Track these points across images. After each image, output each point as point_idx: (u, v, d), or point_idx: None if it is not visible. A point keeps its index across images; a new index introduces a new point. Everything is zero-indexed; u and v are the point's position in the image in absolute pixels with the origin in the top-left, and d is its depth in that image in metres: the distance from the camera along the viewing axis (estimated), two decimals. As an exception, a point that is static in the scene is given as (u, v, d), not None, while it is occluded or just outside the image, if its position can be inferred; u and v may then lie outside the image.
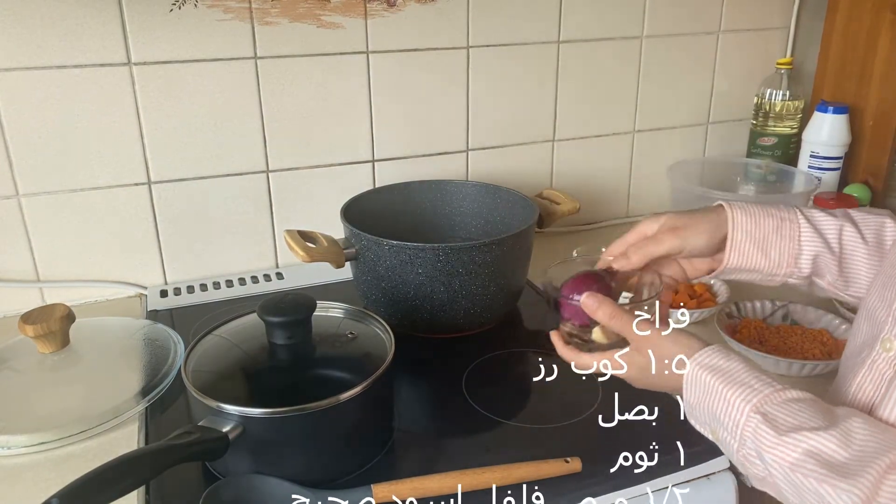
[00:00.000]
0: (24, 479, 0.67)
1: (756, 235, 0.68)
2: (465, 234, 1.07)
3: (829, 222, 0.68)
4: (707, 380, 0.57)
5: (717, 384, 0.56)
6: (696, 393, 0.58)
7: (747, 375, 0.56)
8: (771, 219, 0.68)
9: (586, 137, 1.26)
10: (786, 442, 0.51)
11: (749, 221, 0.68)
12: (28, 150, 0.93)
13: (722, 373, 0.57)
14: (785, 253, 0.68)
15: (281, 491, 0.61)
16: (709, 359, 0.58)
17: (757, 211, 0.69)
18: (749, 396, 0.54)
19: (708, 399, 0.57)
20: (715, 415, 0.57)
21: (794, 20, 1.33)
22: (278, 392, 0.68)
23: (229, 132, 1.02)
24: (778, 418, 0.53)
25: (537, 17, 1.15)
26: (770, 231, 0.68)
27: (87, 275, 1.01)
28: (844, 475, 0.48)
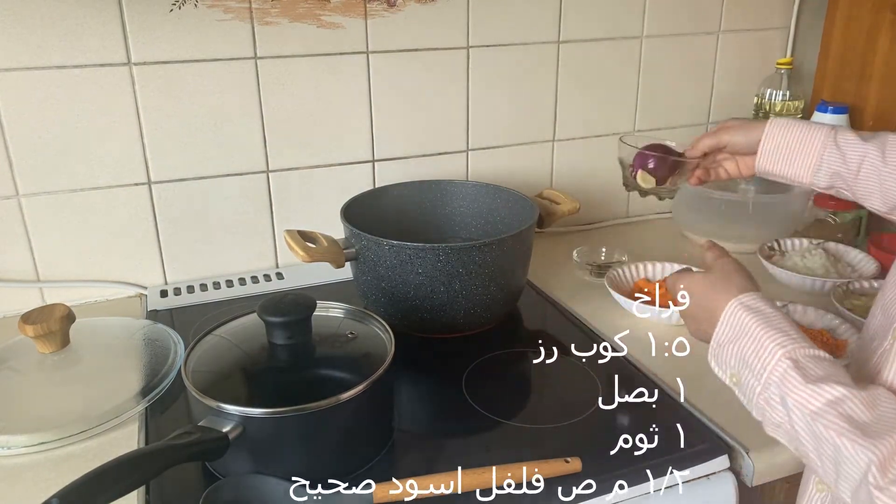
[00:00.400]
0: (24, 479, 0.67)
1: (783, 147, 0.78)
2: (465, 234, 1.07)
3: (856, 146, 0.74)
4: (744, 319, 0.58)
5: (754, 325, 0.57)
6: (729, 331, 0.59)
7: (785, 324, 0.57)
8: (800, 135, 0.77)
9: (586, 137, 1.26)
10: (812, 390, 0.52)
11: (780, 132, 0.78)
12: (28, 150, 0.93)
13: (762, 315, 0.58)
14: (806, 166, 0.77)
15: (281, 491, 0.61)
16: (752, 301, 0.59)
17: (793, 125, 0.78)
18: (784, 342, 0.55)
19: (740, 338, 0.58)
20: (743, 356, 0.57)
21: (794, 20, 1.33)
22: (278, 392, 0.68)
23: (229, 132, 1.02)
24: (808, 367, 0.53)
25: (537, 17, 1.15)
26: (795, 142, 0.77)
27: (87, 275, 1.01)
28: (865, 434, 0.48)
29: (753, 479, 0.69)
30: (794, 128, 0.78)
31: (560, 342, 0.92)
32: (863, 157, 0.74)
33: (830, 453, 0.50)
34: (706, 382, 0.80)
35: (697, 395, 0.77)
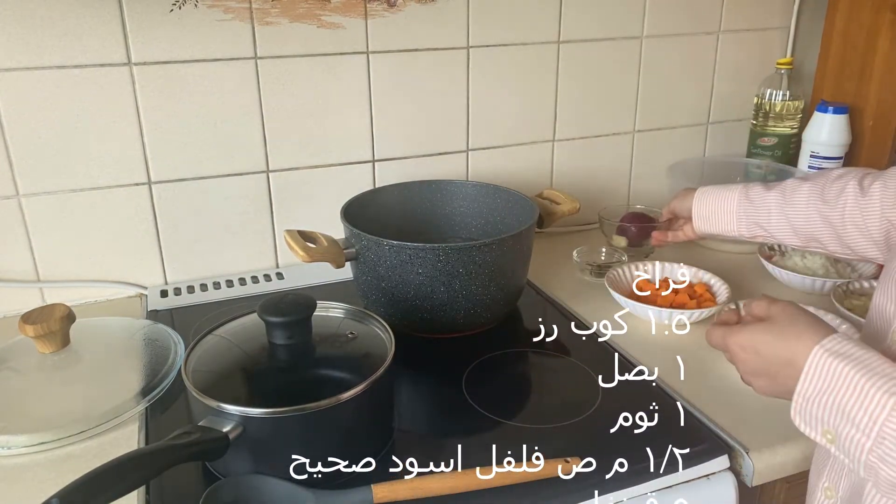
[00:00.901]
0: (24, 479, 0.67)
1: (706, 210, 0.93)
2: (466, 234, 1.07)
3: (763, 196, 0.87)
4: (837, 367, 0.51)
5: (850, 372, 0.50)
6: (818, 383, 0.52)
7: (886, 365, 0.50)
8: (718, 198, 0.92)
9: (586, 137, 1.26)
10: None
11: (703, 200, 0.93)
12: (28, 150, 0.93)
13: (855, 360, 0.51)
14: (729, 222, 0.91)
15: (281, 491, 0.61)
16: (838, 345, 0.52)
17: (712, 193, 0.93)
18: (892, 388, 0.48)
19: (835, 390, 0.51)
20: (842, 409, 0.50)
21: (794, 20, 1.33)
22: (278, 392, 0.68)
23: (229, 132, 1.02)
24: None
25: (537, 17, 1.15)
26: (716, 206, 0.92)
27: (87, 275, 1.01)
28: None
29: (753, 479, 0.69)
30: (713, 195, 0.92)
31: (560, 342, 0.92)
32: (770, 203, 0.86)
33: None
34: (706, 382, 0.80)
35: (697, 395, 0.77)
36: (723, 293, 0.97)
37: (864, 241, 0.78)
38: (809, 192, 0.83)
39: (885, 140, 1.24)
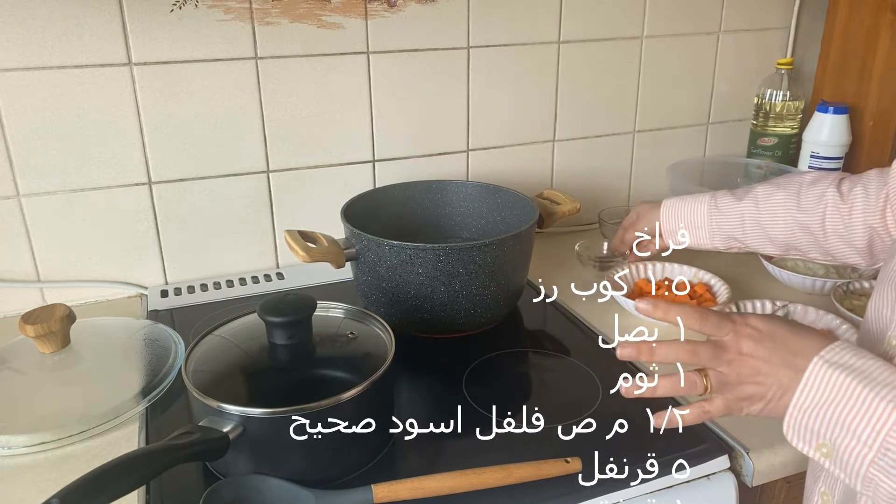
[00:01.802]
0: (24, 479, 0.67)
1: (675, 225, 0.91)
2: (466, 234, 1.07)
3: (733, 206, 0.86)
4: (837, 379, 0.49)
5: (851, 384, 0.48)
6: (816, 395, 0.50)
7: (885, 373, 0.48)
8: (686, 210, 0.90)
9: (586, 137, 1.26)
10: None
11: (670, 214, 0.91)
12: (28, 150, 0.93)
13: (856, 371, 0.49)
14: (702, 235, 0.89)
15: (281, 491, 0.61)
16: (837, 355, 0.50)
17: (678, 204, 0.91)
18: (894, 397, 0.47)
19: (834, 402, 0.49)
20: (842, 421, 0.49)
21: (795, 20, 1.33)
22: (279, 392, 0.68)
23: (230, 132, 1.02)
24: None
25: (537, 17, 1.15)
26: (685, 220, 0.89)
27: (87, 275, 1.01)
28: None
29: (753, 480, 0.69)
30: (679, 208, 0.89)
31: (560, 342, 0.92)
32: (743, 213, 0.84)
33: None
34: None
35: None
36: (723, 293, 0.97)
37: (846, 248, 0.77)
38: (785, 199, 0.81)
39: (886, 140, 1.24)
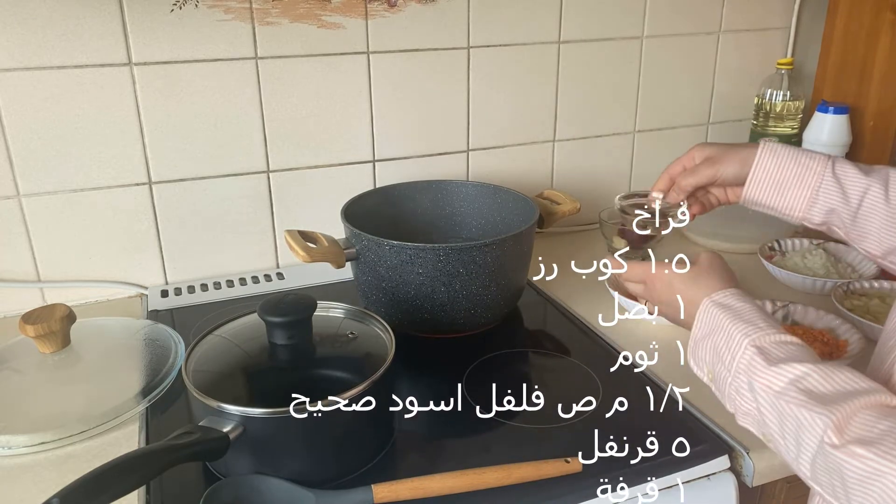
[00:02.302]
0: (24, 479, 0.67)
1: (776, 177, 0.72)
2: (466, 234, 1.07)
3: (857, 180, 0.70)
4: (716, 314, 0.61)
5: (725, 319, 0.60)
6: (703, 327, 0.62)
7: (754, 316, 0.59)
8: (796, 165, 0.72)
9: (587, 137, 1.26)
10: (775, 371, 0.54)
11: (773, 162, 0.72)
12: (29, 150, 0.93)
13: (732, 310, 0.60)
14: (800, 199, 0.72)
15: (281, 491, 0.61)
16: (724, 298, 0.62)
17: (786, 154, 0.72)
18: (750, 332, 0.57)
19: (713, 333, 0.60)
20: (716, 349, 0.60)
21: (795, 20, 1.33)
22: (279, 392, 0.67)
23: (230, 132, 1.02)
24: (772, 352, 0.56)
25: (537, 17, 1.15)
26: (791, 176, 0.72)
27: (87, 275, 1.01)
28: (823, 402, 0.50)
29: (753, 480, 0.69)
30: (787, 155, 0.72)
31: (560, 342, 0.92)
32: (864, 192, 0.69)
33: (792, 427, 0.51)
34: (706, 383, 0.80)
35: (698, 395, 0.77)
36: (723, 293, 0.97)
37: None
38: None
39: (886, 140, 1.24)
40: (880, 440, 0.46)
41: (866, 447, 0.46)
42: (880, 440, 0.46)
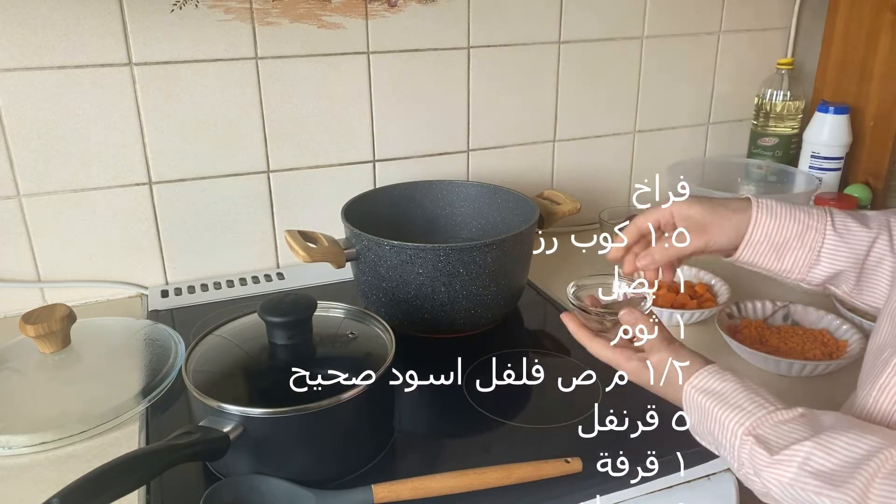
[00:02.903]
0: (24, 479, 0.67)
1: (776, 239, 0.66)
2: (466, 234, 1.07)
3: (861, 234, 0.64)
4: (702, 402, 0.60)
5: (712, 407, 0.59)
6: (694, 415, 0.61)
7: (740, 397, 0.58)
8: (796, 224, 0.65)
9: (587, 137, 1.26)
10: (779, 460, 0.53)
11: (772, 224, 0.66)
12: (29, 150, 0.93)
13: (716, 396, 0.59)
14: (800, 261, 0.66)
15: (281, 491, 0.61)
16: (703, 381, 0.61)
17: (783, 213, 0.66)
18: (742, 419, 0.56)
19: (705, 421, 0.60)
20: (714, 436, 0.59)
21: (795, 20, 1.33)
22: (279, 392, 0.68)
23: (230, 132, 1.02)
24: (770, 440, 0.54)
25: (537, 17, 1.15)
26: (792, 237, 0.65)
27: (87, 275, 1.01)
28: (834, 484, 0.49)
29: (754, 480, 0.69)
30: (785, 214, 0.65)
31: (560, 342, 0.92)
32: (870, 246, 0.64)
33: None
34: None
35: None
36: (723, 293, 0.97)
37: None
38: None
39: (886, 140, 1.24)
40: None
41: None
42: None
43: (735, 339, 0.86)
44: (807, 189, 1.18)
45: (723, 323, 0.89)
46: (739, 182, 1.30)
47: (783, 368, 0.81)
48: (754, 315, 0.93)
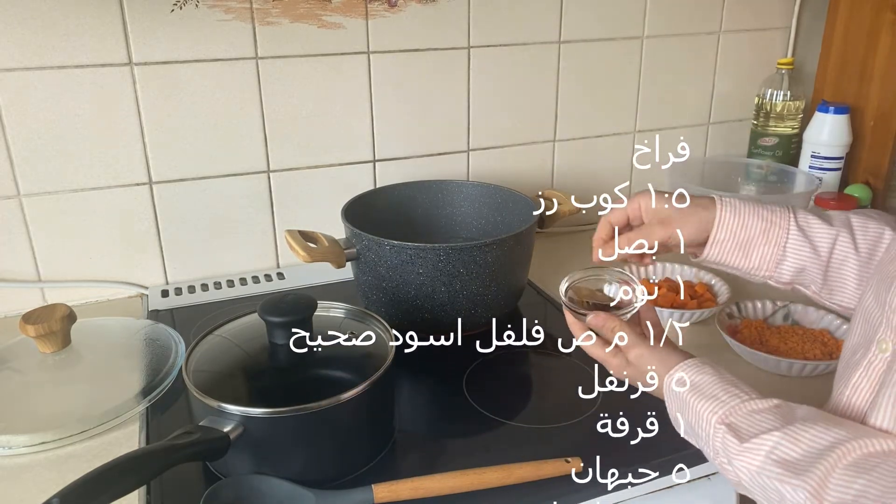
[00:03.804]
0: (24, 479, 0.67)
1: (740, 237, 0.67)
2: (466, 234, 1.07)
3: (823, 232, 0.66)
4: (681, 395, 0.61)
5: (689, 398, 0.60)
6: (674, 407, 0.63)
7: (715, 388, 0.60)
8: (760, 221, 0.67)
9: (587, 137, 1.26)
10: (748, 449, 0.54)
11: (736, 221, 0.67)
12: (29, 150, 0.93)
13: (693, 387, 0.61)
14: (767, 257, 0.67)
15: (281, 491, 0.61)
16: (681, 374, 0.62)
17: (747, 211, 0.68)
18: (716, 408, 0.58)
19: (684, 412, 0.61)
20: (691, 427, 0.61)
21: (795, 20, 1.33)
22: (279, 392, 0.68)
23: (230, 132, 1.02)
24: (741, 428, 0.56)
25: (537, 17, 1.15)
26: (756, 234, 0.67)
27: (88, 275, 1.01)
28: (796, 472, 0.50)
29: (754, 480, 0.69)
30: (749, 212, 0.67)
31: (560, 342, 0.92)
32: (832, 244, 0.66)
33: (777, 499, 0.52)
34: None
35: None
36: (723, 293, 0.97)
37: None
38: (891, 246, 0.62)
39: (886, 140, 1.24)
40: (855, 503, 0.46)
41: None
42: (855, 503, 0.46)
43: (735, 339, 0.86)
44: (807, 189, 1.18)
45: (723, 323, 0.89)
46: (739, 182, 1.30)
47: (783, 368, 0.81)
48: (754, 315, 0.93)
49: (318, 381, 0.70)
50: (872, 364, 0.56)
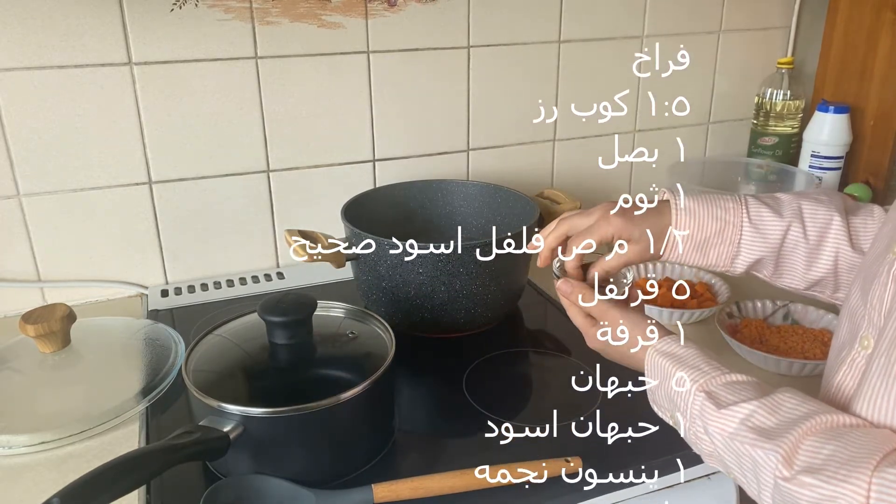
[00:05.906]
0: (24, 479, 0.67)
1: (697, 238, 0.70)
2: (466, 234, 1.07)
3: (774, 224, 0.70)
4: (662, 364, 0.63)
5: (671, 367, 0.62)
6: (655, 377, 0.64)
7: (698, 360, 0.62)
8: (714, 222, 0.70)
9: (587, 137, 1.26)
10: (725, 414, 0.56)
11: (692, 224, 0.70)
12: (29, 149, 0.93)
13: (676, 358, 0.62)
14: (723, 255, 0.71)
15: (281, 491, 0.61)
16: (666, 346, 0.64)
17: (702, 212, 0.70)
18: (697, 377, 0.60)
19: (665, 382, 0.62)
20: (671, 397, 0.62)
21: (795, 20, 1.33)
22: (279, 392, 0.68)
23: (230, 132, 1.02)
24: (720, 395, 0.58)
25: (537, 17, 1.15)
26: (712, 234, 0.70)
27: (87, 275, 1.01)
28: (770, 437, 0.52)
29: (754, 479, 0.69)
30: (704, 214, 0.70)
31: (560, 342, 0.92)
32: (783, 234, 0.70)
33: (750, 465, 0.53)
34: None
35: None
36: (723, 293, 0.97)
37: None
38: (837, 233, 0.69)
39: (886, 140, 1.24)
40: (825, 466, 0.47)
41: (814, 475, 0.47)
42: (825, 466, 0.47)
43: (735, 338, 0.86)
44: (807, 189, 1.18)
45: (723, 322, 0.89)
46: (739, 181, 1.30)
47: (783, 368, 0.81)
48: (754, 314, 0.93)
49: (318, 380, 0.70)
50: (855, 361, 0.57)
